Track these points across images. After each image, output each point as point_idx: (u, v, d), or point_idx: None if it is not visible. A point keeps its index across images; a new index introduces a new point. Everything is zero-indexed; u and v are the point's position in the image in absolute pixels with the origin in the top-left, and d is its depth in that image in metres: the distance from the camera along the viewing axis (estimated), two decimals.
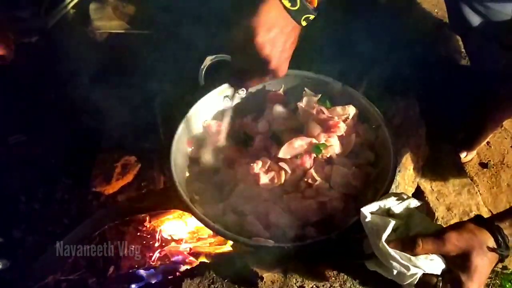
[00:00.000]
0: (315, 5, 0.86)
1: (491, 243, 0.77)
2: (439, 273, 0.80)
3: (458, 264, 0.78)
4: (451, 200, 1.30)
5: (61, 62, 1.67)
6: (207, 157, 1.14)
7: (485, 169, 1.56)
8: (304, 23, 0.87)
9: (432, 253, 0.79)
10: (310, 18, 0.86)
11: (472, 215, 1.28)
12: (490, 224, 0.79)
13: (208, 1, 1.66)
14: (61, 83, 1.61)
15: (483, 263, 0.77)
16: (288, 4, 0.83)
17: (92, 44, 1.74)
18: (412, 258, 0.78)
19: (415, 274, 0.80)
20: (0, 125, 1.51)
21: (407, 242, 0.80)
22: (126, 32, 1.77)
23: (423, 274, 0.80)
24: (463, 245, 0.77)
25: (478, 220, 0.82)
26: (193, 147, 1.17)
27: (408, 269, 0.79)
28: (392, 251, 0.79)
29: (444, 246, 0.78)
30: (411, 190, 1.24)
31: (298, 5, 0.83)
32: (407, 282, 0.81)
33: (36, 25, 1.77)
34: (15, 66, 1.66)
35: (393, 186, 1.02)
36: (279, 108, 1.18)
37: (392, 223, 0.82)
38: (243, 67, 0.93)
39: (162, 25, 1.71)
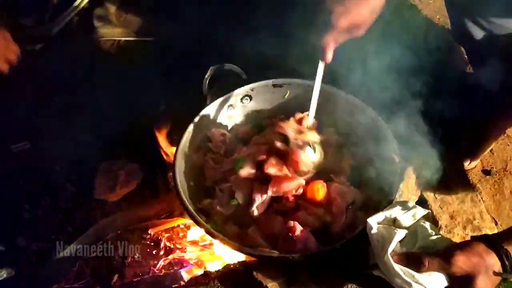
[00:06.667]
0: None
1: (497, 267, 0.77)
2: None
3: (461, 284, 0.78)
4: (454, 208, 1.30)
5: (65, 69, 1.68)
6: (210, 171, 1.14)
7: (488, 176, 1.55)
8: None
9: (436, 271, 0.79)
10: None
11: (475, 223, 1.28)
12: (499, 247, 0.78)
13: (211, 10, 1.67)
14: (65, 91, 1.61)
15: (486, 285, 0.77)
16: None
17: (95, 51, 1.75)
18: (416, 275, 0.78)
19: None
20: (4, 132, 1.51)
21: (413, 259, 0.80)
22: (130, 39, 1.78)
23: None
24: (469, 268, 0.77)
25: (485, 240, 0.80)
26: (197, 156, 1.17)
27: (410, 285, 0.79)
28: (396, 266, 0.79)
29: (450, 268, 0.78)
30: (414, 199, 1.24)
31: None
32: None
33: (40, 33, 1.78)
34: (19, 74, 1.67)
35: (396, 195, 1.03)
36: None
37: (398, 234, 0.81)
38: None
39: (166, 33, 1.71)
